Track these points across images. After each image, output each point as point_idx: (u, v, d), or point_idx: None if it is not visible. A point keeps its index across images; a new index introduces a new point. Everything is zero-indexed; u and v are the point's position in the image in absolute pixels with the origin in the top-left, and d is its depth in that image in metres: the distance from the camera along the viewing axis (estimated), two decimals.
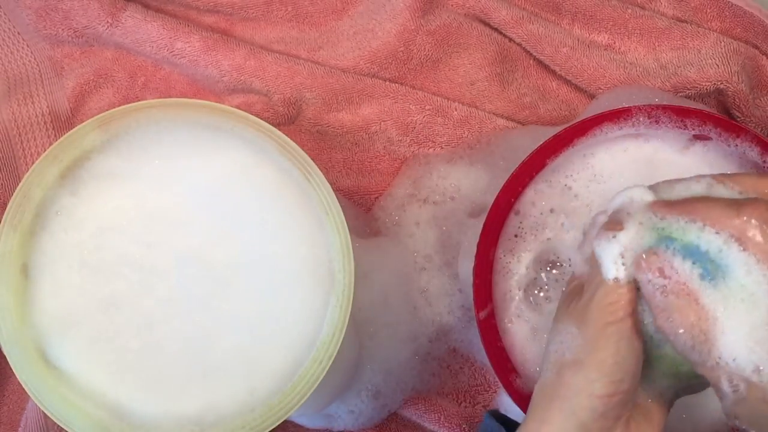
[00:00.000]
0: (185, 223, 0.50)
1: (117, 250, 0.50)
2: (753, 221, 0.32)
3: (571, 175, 0.53)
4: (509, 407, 0.57)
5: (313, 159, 0.50)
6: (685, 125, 0.52)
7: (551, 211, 0.53)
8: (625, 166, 0.53)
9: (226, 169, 0.51)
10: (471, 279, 0.51)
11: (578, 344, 0.37)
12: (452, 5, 0.63)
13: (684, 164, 0.52)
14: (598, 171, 0.53)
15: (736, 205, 0.33)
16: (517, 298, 0.52)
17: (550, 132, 0.52)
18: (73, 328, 0.49)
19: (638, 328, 0.36)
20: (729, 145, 0.52)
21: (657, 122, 0.51)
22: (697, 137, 0.51)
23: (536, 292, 0.52)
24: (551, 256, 0.53)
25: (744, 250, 0.33)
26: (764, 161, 0.52)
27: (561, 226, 0.53)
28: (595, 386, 0.35)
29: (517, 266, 0.52)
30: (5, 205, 0.50)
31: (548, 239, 0.52)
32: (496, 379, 0.57)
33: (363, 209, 0.63)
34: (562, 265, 0.53)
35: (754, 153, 0.52)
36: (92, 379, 0.49)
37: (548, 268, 0.53)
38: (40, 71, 0.64)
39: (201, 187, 0.51)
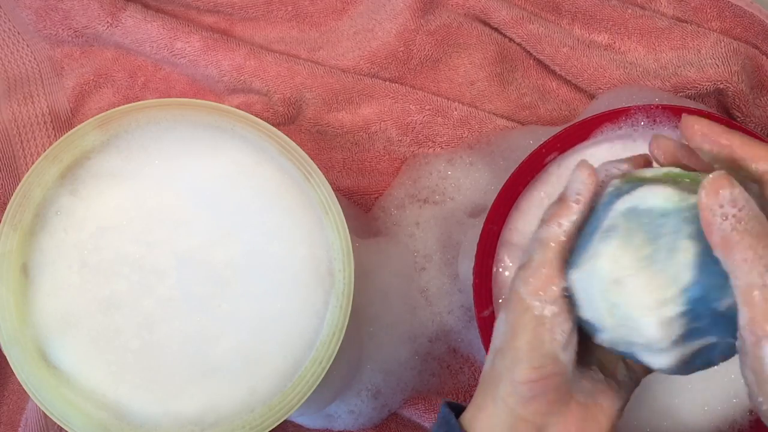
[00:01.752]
0: (185, 223, 0.51)
1: (117, 250, 0.50)
2: None
3: (570, 175, 0.53)
4: None
5: (313, 159, 0.50)
6: None
7: None
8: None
9: (226, 169, 0.51)
10: (471, 279, 0.51)
11: (503, 330, 0.36)
12: (452, 5, 0.63)
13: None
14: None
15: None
16: None
17: (550, 132, 0.52)
18: (73, 328, 0.49)
19: (564, 307, 0.35)
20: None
21: (654, 122, 0.51)
22: None
23: None
24: None
25: None
26: None
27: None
28: (515, 372, 0.35)
29: (516, 266, 0.52)
30: (5, 205, 0.50)
31: None
32: None
33: (363, 209, 0.63)
34: None
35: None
36: (92, 379, 0.49)
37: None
38: (40, 71, 0.64)
39: (201, 187, 0.51)
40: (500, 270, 0.52)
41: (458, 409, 0.39)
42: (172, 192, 0.51)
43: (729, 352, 0.33)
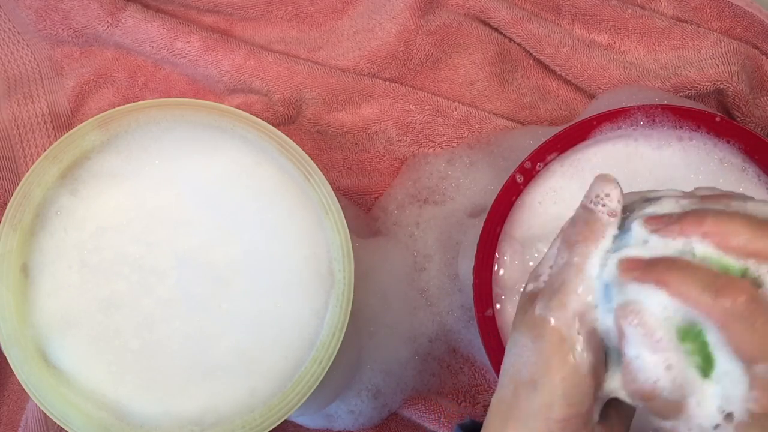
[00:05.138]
0: (185, 223, 0.51)
1: (117, 250, 0.50)
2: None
3: (570, 174, 0.53)
4: None
5: (313, 159, 0.50)
6: (681, 125, 0.52)
7: (551, 209, 0.53)
8: (613, 162, 0.53)
9: (226, 169, 0.51)
10: (471, 279, 0.51)
11: (533, 361, 0.33)
12: (452, 5, 0.63)
13: (660, 160, 0.52)
14: (594, 169, 0.53)
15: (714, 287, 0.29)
16: (516, 298, 0.52)
17: (550, 132, 0.52)
18: (73, 328, 0.49)
19: (598, 341, 0.33)
20: (720, 143, 0.52)
21: (654, 122, 0.52)
22: None
23: None
24: None
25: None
26: (744, 168, 0.52)
27: (560, 227, 0.53)
28: (552, 410, 0.32)
29: (517, 266, 0.52)
30: (5, 205, 0.50)
31: (548, 240, 0.52)
32: (496, 379, 0.57)
33: (363, 209, 0.63)
34: None
35: (738, 160, 0.52)
36: (92, 379, 0.49)
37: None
38: (40, 71, 0.64)
39: (201, 187, 0.51)
40: (501, 266, 0.52)
41: (473, 428, 0.38)
42: (172, 192, 0.51)
43: None
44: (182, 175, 0.51)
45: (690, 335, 0.30)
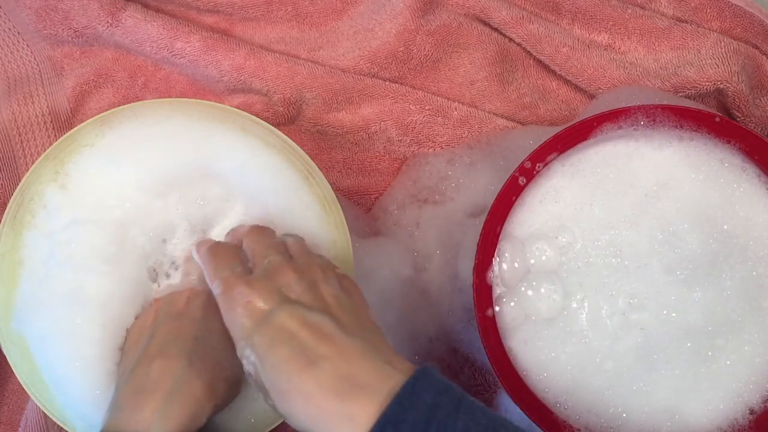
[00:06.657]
0: (184, 224, 0.50)
1: (116, 250, 0.50)
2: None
3: (571, 174, 0.53)
4: (509, 407, 0.57)
5: (313, 159, 0.50)
6: (681, 125, 0.52)
7: (552, 208, 0.53)
8: (614, 161, 0.53)
9: (226, 168, 0.51)
10: (471, 279, 0.51)
11: None
12: (452, 5, 0.63)
13: (661, 160, 0.53)
14: (594, 169, 0.53)
15: None
16: (517, 298, 0.52)
17: (550, 132, 0.53)
18: (72, 328, 0.49)
19: None
20: (720, 143, 0.52)
21: (654, 122, 0.52)
22: None
23: (539, 291, 0.52)
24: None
25: None
26: (744, 168, 0.52)
27: (560, 226, 0.53)
28: None
29: (517, 266, 0.52)
30: (5, 205, 0.50)
31: (548, 239, 0.52)
32: (496, 379, 0.57)
33: (363, 209, 0.63)
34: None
35: (738, 160, 0.52)
36: (92, 378, 0.49)
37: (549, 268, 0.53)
38: (40, 71, 0.64)
39: (201, 186, 0.51)
40: (502, 266, 0.52)
41: None
42: (171, 192, 0.51)
43: None
44: (182, 174, 0.51)
45: None
